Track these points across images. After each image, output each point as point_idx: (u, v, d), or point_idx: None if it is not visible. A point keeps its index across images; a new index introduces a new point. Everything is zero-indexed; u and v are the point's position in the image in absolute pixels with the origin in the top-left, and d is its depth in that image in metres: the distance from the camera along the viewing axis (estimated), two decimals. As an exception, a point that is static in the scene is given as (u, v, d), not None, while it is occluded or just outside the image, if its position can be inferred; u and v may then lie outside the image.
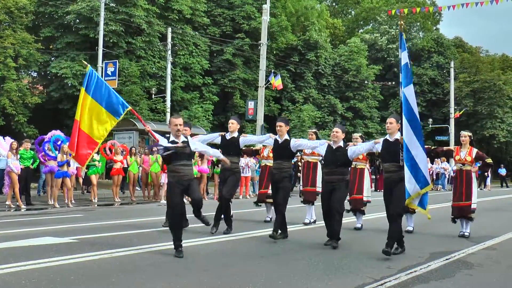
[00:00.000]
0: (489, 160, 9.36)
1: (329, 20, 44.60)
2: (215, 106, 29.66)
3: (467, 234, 9.28)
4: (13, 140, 14.60)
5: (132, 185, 17.22)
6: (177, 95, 27.78)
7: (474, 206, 9.25)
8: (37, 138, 16.91)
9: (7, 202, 13.58)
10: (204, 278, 5.66)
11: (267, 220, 10.90)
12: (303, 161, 10.90)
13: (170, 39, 25.77)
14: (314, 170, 10.44)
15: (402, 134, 7.09)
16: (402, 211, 7.22)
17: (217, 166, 17.15)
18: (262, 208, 11.41)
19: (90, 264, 6.20)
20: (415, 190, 6.86)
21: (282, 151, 8.43)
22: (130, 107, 8.69)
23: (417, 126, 6.90)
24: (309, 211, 10.56)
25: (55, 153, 14.78)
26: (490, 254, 7.65)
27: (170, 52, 25.88)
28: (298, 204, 10.81)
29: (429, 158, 26.95)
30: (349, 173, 8.25)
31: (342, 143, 7.99)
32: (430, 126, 40.08)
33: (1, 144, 15.13)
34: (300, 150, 9.94)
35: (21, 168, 13.83)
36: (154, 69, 27.46)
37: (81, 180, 17.63)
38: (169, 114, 25.27)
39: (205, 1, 30.27)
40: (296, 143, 8.46)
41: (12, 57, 22.22)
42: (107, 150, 17.06)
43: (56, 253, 6.76)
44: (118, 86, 22.60)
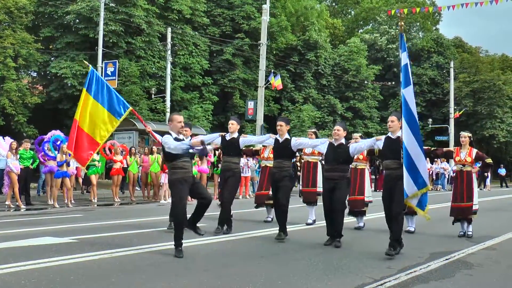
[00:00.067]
0: (489, 160, 9.37)
1: (328, 20, 44.58)
2: (215, 106, 29.64)
3: (470, 233, 9.28)
4: (12, 140, 14.60)
5: (131, 185, 17.23)
6: (176, 95, 27.77)
7: (476, 207, 9.26)
8: (36, 138, 16.90)
9: (7, 202, 13.58)
10: (204, 278, 5.66)
11: (267, 220, 10.89)
12: (303, 161, 10.88)
13: (169, 39, 25.77)
14: (314, 170, 10.41)
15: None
16: (403, 210, 7.20)
17: (217, 166, 17.13)
18: (262, 208, 11.39)
19: (90, 264, 6.19)
20: (413, 191, 6.85)
21: (283, 150, 8.41)
22: (131, 108, 8.70)
23: (416, 127, 6.90)
24: (311, 212, 10.54)
25: (55, 153, 14.77)
26: (490, 254, 7.66)
27: (169, 52, 25.87)
28: (298, 204, 10.80)
29: (429, 159, 26.82)
30: (350, 171, 8.25)
31: (343, 141, 8.01)
32: (430, 126, 40.09)
33: (0, 144, 15.13)
34: (300, 150, 9.94)
35: (20, 168, 13.83)
36: (154, 69, 27.44)
37: (80, 180, 17.64)
38: (168, 115, 25.25)
39: (204, 1, 30.25)
40: (297, 142, 8.46)
41: (12, 57, 22.21)
42: (107, 150, 17.07)
43: (55, 253, 6.76)
44: (117, 86, 22.59)
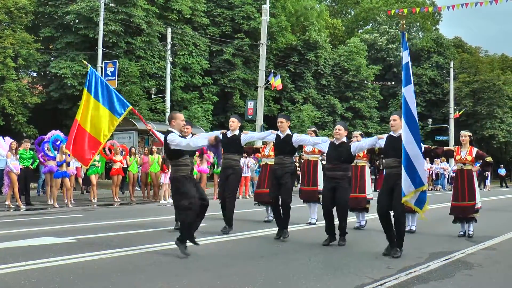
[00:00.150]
0: (489, 158, 9.36)
1: (328, 20, 44.58)
2: (215, 106, 29.64)
3: (471, 232, 9.27)
4: (12, 140, 14.59)
5: (131, 185, 17.23)
6: (176, 95, 27.77)
7: (479, 205, 9.26)
8: (36, 138, 16.89)
9: (7, 202, 13.58)
10: (204, 278, 5.65)
11: (267, 220, 10.88)
12: (303, 159, 10.86)
13: (169, 39, 25.76)
14: (314, 168, 10.36)
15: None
16: (404, 209, 7.19)
17: (217, 166, 17.12)
18: (262, 208, 11.39)
19: (90, 264, 6.19)
20: (410, 190, 6.85)
21: (284, 146, 8.41)
22: (131, 106, 8.70)
23: (415, 127, 6.87)
24: (314, 211, 10.50)
25: (54, 153, 14.76)
26: (490, 254, 7.65)
27: (169, 52, 25.87)
28: (298, 204, 10.78)
29: (429, 158, 26.44)
30: (351, 169, 8.25)
31: (345, 139, 8.02)
32: (430, 126, 40.09)
33: (0, 144, 15.12)
34: (300, 148, 9.92)
35: (20, 168, 13.83)
36: (154, 69, 27.43)
37: (80, 180, 17.65)
38: (168, 114, 25.26)
39: (204, 1, 30.24)
40: (298, 138, 8.47)
41: (11, 57, 22.20)
42: (107, 150, 17.06)
43: (55, 253, 6.76)
44: (117, 86, 22.57)
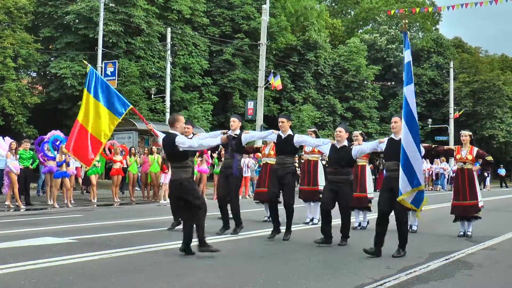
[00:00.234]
0: (489, 158, 9.33)
1: (328, 20, 44.58)
2: (215, 106, 29.64)
3: (470, 233, 9.27)
4: (12, 140, 14.59)
5: (131, 185, 17.22)
6: (176, 95, 27.76)
7: (481, 204, 9.25)
8: (36, 138, 16.89)
9: (7, 202, 13.57)
10: (204, 278, 5.65)
11: (266, 219, 10.89)
12: (303, 159, 10.86)
13: (169, 39, 25.75)
14: (314, 168, 10.34)
15: None
16: (406, 211, 7.19)
17: (217, 166, 17.10)
18: (261, 208, 11.39)
19: (90, 264, 6.19)
20: (407, 190, 6.83)
21: (285, 146, 8.40)
22: (131, 106, 8.71)
23: (414, 126, 6.83)
24: (316, 210, 10.49)
25: (54, 153, 14.76)
26: (490, 254, 7.65)
27: (169, 52, 25.86)
28: (298, 204, 10.76)
29: (429, 158, 26.40)
30: (352, 172, 8.25)
31: (346, 143, 8.01)
32: (430, 126, 40.06)
33: (0, 144, 15.12)
34: (301, 148, 9.92)
35: (20, 168, 13.82)
36: (154, 69, 27.43)
37: (80, 180, 17.64)
38: (168, 114, 25.25)
39: (204, 1, 30.24)
40: (299, 139, 8.46)
41: (11, 57, 22.19)
42: (107, 150, 17.06)
43: (55, 253, 6.76)
44: (117, 86, 22.54)
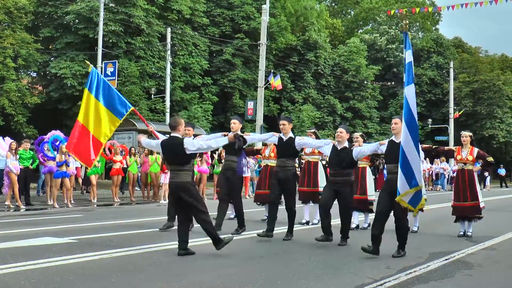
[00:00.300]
0: (490, 158, 9.31)
1: (328, 20, 44.59)
2: (215, 106, 29.63)
3: (470, 233, 9.26)
4: (12, 140, 14.59)
5: (131, 185, 17.22)
6: (176, 95, 27.76)
7: (482, 204, 9.24)
8: (36, 138, 16.89)
9: (7, 203, 13.58)
10: (204, 278, 5.66)
11: (265, 218, 10.92)
12: (303, 161, 10.86)
13: (169, 39, 25.75)
14: (314, 169, 10.33)
15: None
16: (405, 211, 7.18)
17: (217, 166, 17.10)
18: (262, 208, 11.39)
19: (90, 264, 6.20)
20: (405, 189, 6.81)
21: (287, 149, 8.39)
22: (132, 107, 8.72)
23: (413, 126, 6.81)
24: (316, 211, 10.50)
25: (54, 153, 14.75)
26: (490, 254, 7.66)
27: (169, 52, 25.86)
28: (298, 204, 10.77)
29: (429, 158, 26.33)
30: (353, 174, 8.25)
31: (347, 144, 8.01)
32: (430, 126, 40.07)
33: (0, 144, 15.12)
34: (301, 150, 9.92)
35: (20, 168, 13.82)
36: (154, 69, 27.42)
37: (80, 180, 17.63)
38: (168, 115, 25.26)
39: (204, 1, 30.24)
40: (301, 141, 8.44)
41: (11, 57, 22.19)
42: (107, 151, 17.06)
43: (55, 253, 6.76)
44: (117, 86, 22.53)
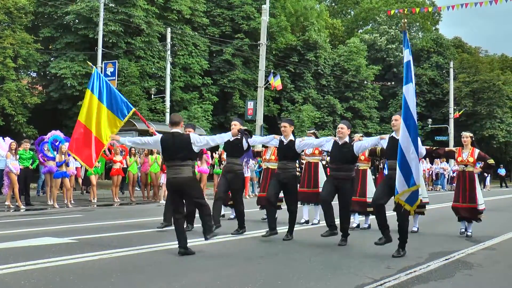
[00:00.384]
0: (491, 161, 9.27)
1: (328, 20, 44.60)
2: (215, 107, 29.64)
3: (470, 233, 9.26)
4: (12, 140, 14.59)
5: (131, 185, 17.22)
6: (176, 95, 27.77)
7: (482, 207, 9.24)
8: (36, 138, 16.89)
9: (7, 203, 13.57)
10: (204, 278, 5.66)
11: (264, 219, 10.94)
12: (304, 162, 10.86)
13: (169, 39, 25.76)
14: (315, 170, 10.33)
15: None
16: (407, 214, 7.17)
17: (217, 166, 17.10)
18: (263, 210, 11.36)
19: (90, 264, 6.19)
20: (403, 188, 6.80)
21: (288, 152, 8.38)
22: (134, 109, 8.74)
23: (411, 124, 6.78)
24: (316, 212, 10.53)
25: (53, 153, 14.75)
26: (490, 254, 7.65)
27: (169, 52, 25.86)
28: (298, 205, 10.79)
29: (429, 158, 26.28)
30: (354, 170, 8.25)
31: (347, 139, 8.02)
32: (430, 126, 40.07)
33: (0, 144, 15.12)
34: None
35: (20, 168, 13.82)
36: (154, 69, 27.43)
37: (80, 180, 17.63)
38: (168, 115, 25.24)
39: (204, 1, 30.25)
40: (301, 143, 8.41)
41: (11, 57, 22.20)
42: (106, 151, 17.03)
43: (55, 253, 6.76)
44: (117, 87, 22.52)
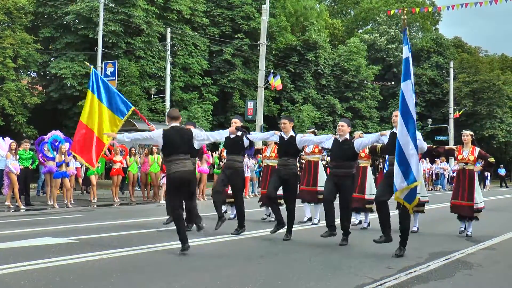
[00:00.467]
0: (491, 159, 9.27)
1: (328, 20, 44.59)
2: (215, 107, 29.64)
3: (470, 233, 9.26)
4: (12, 140, 14.59)
5: (131, 185, 17.21)
6: (176, 96, 27.76)
7: (481, 205, 9.24)
8: (36, 138, 16.89)
9: (7, 203, 13.57)
10: (204, 278, 5.65)
11: (265, 217, 10.95)
12: (304, 160, 10.87)
13: (169, 39, 25.74)
14: (315, 169, 10.36)
15: None
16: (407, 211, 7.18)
17: (217, 166, 17.10)
18: (261, 208, 11.38)
19: (90, 264, 6.19)
20: (402, 186, 6.78)
21: (288, 148, 8.38)
22: (133, 108, 8.74)
23: (410, 121, 6.75)
24: (316, 211, 10.54)
25: (53, 153, 14.75)
26: (490, 254, 7.66)
27: (169, 52, 25.84)
28: (298, 204, 10.79)
29: (429, 158, 26.19)
30: (355, 167, 8.25)
31: (348, 136, 8.03)
32: (430, 126, 40.06)
33: (0, 144, 15.11)
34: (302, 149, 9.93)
35: (20, 168, 13.82)
36: (154, 69, 27.42)
37: (80, 180, 17.63)
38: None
39: (204, 1, 30.25)
40: (302, 139, 8.42)
41: (11, 57, 22.19)
42: (106, 151, 17.03)
43: (55, 253, 6.76)
44: (117, 87, 22.51)
